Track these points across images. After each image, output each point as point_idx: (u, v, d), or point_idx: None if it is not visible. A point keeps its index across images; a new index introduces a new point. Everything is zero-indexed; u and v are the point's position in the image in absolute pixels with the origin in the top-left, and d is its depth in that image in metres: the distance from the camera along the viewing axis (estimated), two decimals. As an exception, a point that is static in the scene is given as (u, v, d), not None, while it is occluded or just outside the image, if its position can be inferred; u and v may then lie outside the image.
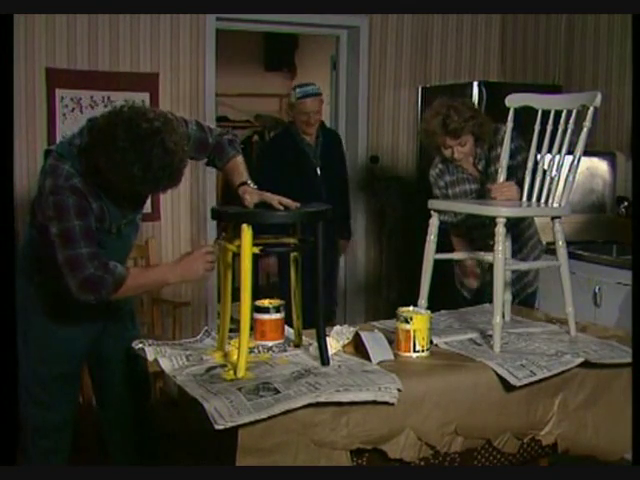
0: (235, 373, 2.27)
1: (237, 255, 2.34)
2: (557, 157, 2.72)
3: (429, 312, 2.57)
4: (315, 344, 2.42)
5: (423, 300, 2.81)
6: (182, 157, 2.33)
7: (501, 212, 2.58)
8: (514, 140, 3.01)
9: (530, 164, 2.82)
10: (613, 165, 4.60)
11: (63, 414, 2.71)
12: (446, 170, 3.32)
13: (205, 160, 2.74)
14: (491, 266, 3.07)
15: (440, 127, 3.08)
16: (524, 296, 3.37)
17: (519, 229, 3.20)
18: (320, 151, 4.50)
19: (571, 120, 2.69)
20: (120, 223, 2.55)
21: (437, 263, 2.82)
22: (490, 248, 2.98)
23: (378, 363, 2.38)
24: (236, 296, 2.31)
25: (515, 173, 3.02)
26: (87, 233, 2.39)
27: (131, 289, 2.46)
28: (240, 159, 2.69)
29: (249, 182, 2.57)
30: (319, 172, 4.46)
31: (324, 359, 2.36)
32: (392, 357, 2.44)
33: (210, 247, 2.51)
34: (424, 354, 2.48)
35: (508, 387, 2.32)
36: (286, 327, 2.60)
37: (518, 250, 3.23)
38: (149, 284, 2.58)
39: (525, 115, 2.91)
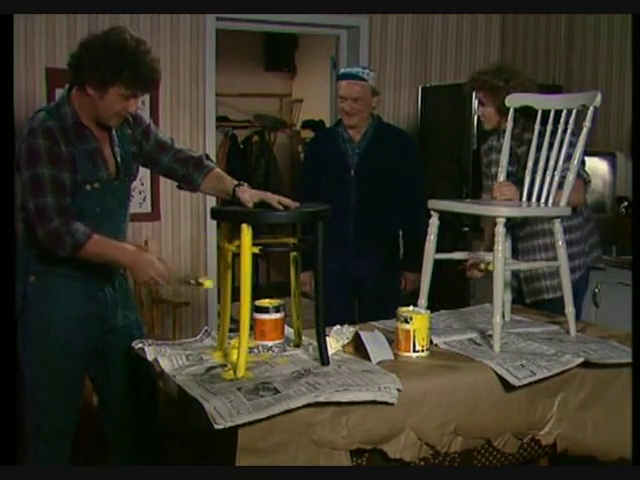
0: (235, 373, 2.27)
1: (237, 255, 2.34)
2: (557, 157, 2.72)
3: (429, 312, 2.57)
4: (315, 344, 2.42)
5: (423, 300, 2.80)
6: (153, 56, 2.42)
7: (501, 212, 2.58)
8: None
9: (530, 164, 2.82)
10: (613, 165, 4.59)
11: (64, 418, 2.67)
12: (494, 148, 3.33)
13: (177, 184, 2.77)
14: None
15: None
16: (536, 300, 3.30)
17: (524, 232, 3.19)
18: (363, 149, 3.82)
19: (571, 120, 2.69)
20: (93, 180, 2.55)
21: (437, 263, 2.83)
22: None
23: (378, 363, 2.38)
24: (236, 296, 2.31)
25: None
26: (57, 183, 2.44)
27: (89, 255, 2.49)
28: (220, 170, 2.72)
29: (244, 183, 2.57)
30: (353, 173, 3.81)
31: (324, 359, 2.36)
32: (392, 357, 2.44)
33: (161, 262, 2.55)
34: (424, 354, 2.48)
35: (508, 387, 2.32)
36: (286, 327, 2.60)
37: (523, 253, 3.21)
38: (106, 258, 2.56)
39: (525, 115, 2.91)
